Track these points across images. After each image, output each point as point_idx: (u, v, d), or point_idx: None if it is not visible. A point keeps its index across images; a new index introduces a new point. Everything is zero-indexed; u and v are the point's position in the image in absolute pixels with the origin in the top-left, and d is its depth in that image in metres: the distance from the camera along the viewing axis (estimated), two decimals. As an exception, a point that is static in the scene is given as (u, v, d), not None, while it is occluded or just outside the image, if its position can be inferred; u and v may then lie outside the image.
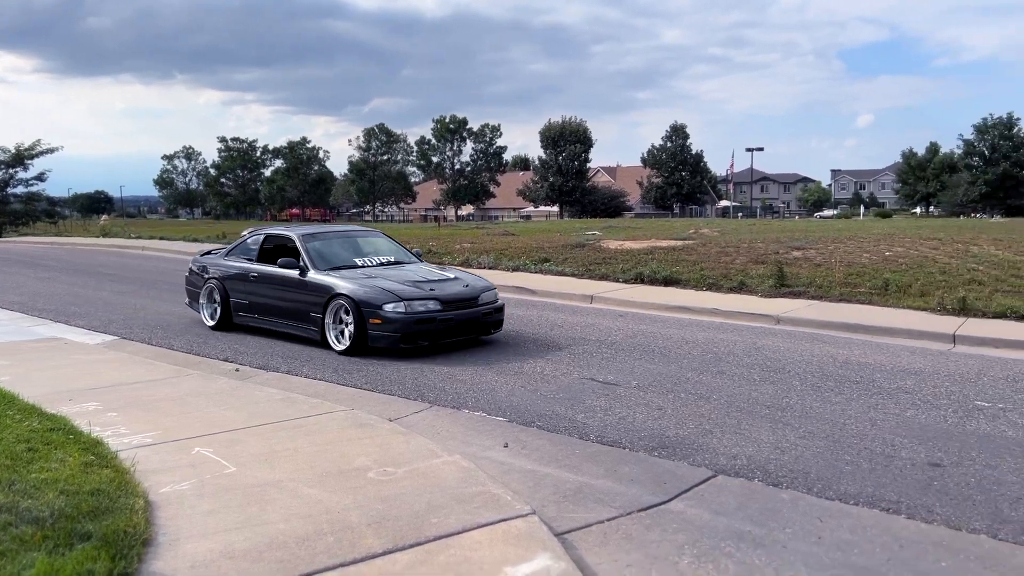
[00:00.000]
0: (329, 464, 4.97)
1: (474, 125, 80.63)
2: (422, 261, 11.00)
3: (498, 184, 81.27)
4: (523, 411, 6.52)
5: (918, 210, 75.30)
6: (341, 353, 8.99)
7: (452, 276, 9.88)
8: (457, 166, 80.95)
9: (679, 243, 19.63)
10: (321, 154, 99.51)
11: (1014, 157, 60.12)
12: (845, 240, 19.07)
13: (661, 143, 75.25)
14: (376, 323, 8.72)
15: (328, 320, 9.18)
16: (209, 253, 12.12)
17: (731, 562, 3.87)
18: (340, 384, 7.71)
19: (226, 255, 11.31)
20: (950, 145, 68.68)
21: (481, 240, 23.53)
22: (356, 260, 10.19)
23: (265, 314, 10.20)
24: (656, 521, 4.36)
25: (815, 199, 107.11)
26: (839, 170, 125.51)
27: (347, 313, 8.98)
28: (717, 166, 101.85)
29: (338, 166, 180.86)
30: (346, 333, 9.02)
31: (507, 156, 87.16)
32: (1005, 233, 21.63)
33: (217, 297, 10.86)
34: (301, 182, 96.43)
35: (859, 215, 72.32)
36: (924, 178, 71.84)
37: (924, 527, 4.29)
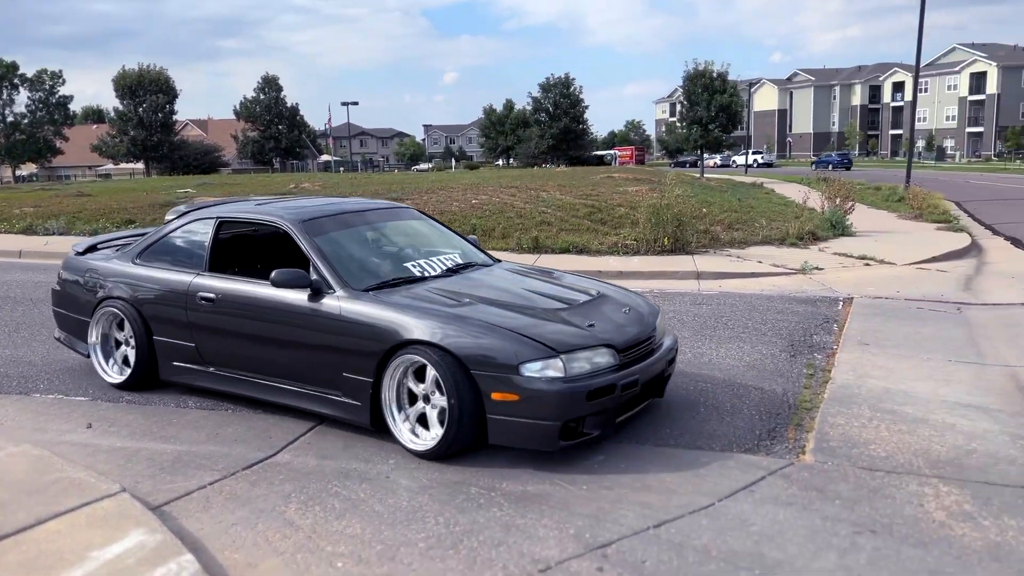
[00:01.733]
0: None
1: (28, 71, 69.60)
2: (494, 259, 6.08)
3: (66, 139, 71.21)
4: (108, 388, 5.92)
5: (500, 162, 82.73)
6: (420, 454, 4.43)
7: (594, 292, 5.27)
8: (10, 118, 69.41)
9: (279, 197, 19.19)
10: None
11: (572, 113, 68.91)
12: (438, 190, 20.32)
13: (254, 95, 72.36)
14: (507, 401, 4.16)
15: (389, 393, 4.54)
16: (94, 249, 6.51)
17: (337, 500, 3.97)
18: None
19: (137, 257, 5.90)
20: (523, 102, 76.26)
21: (48, 202, 20.58)
22: (409, 265, 5.30)
23: (240, 367, 5.25)
24: (263, 476, 4.29)
25: (411, 153, 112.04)
26: (431, 125, 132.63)
27: (434, 383, 4.38)
28: (316, 120, 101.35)
29: None
30: (431, 419, 4.44)
31: (76, 107, 76.82)
32: (567, 180, 24.82)
33: (129, 335, 5.74)
34: None
35: (451, 167, 77.55)
36: (503, 132, 78.99)
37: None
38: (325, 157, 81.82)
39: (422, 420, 4.53)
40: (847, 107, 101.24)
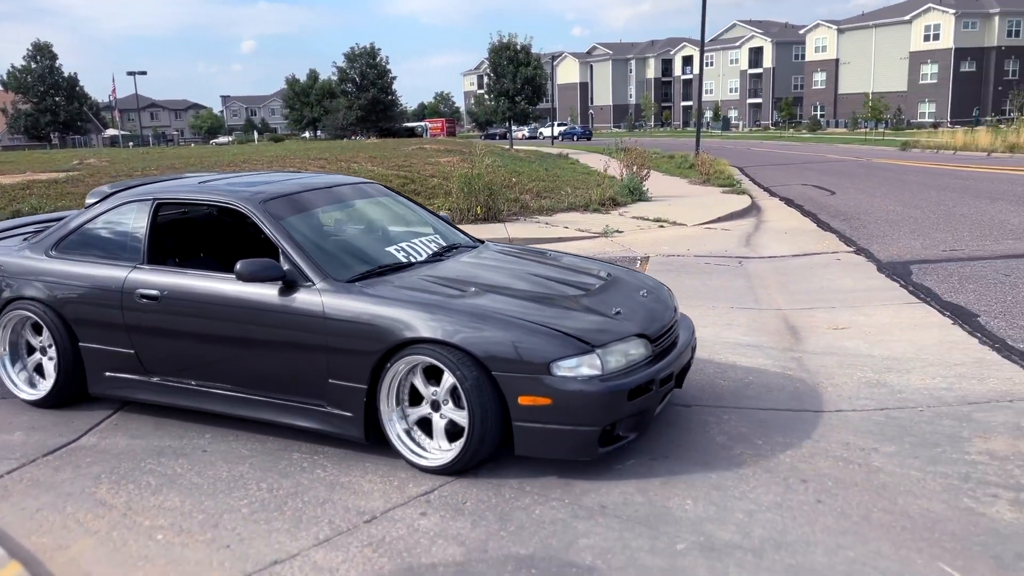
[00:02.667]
0: None
1: None
2: (476, 239, 5.43)
3: None
4: None
5: (307, 134, 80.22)
6: (432, 470, 3.81)
7: (603, 273, 4.75)
8: None
9: (62, 175, 17.67)
10: None
11: (380, 84, 67.93)
12: (241, 163, 19.49)
13: (24, 64, 65.43)
14: (537, 406, 3.58)
15: (387, 403, 3.89)
16: None
17: (152, 477, 3.88)
18: None
19: (53, 248, 4.82)
20: (328, 72, 74.18)
21: None
22: (392, 250, 4.59)
23: (195, 377, 4.40)
24: (67, 461, 4.09)
25: (208, 126, 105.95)
26: (229, 96, 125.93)
27: (447, 389, 3.77)
28: (99, 92, 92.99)
29: None
30: (438, 431, 3.84)
31: None
32: (379, 152, 24.61)
33: (48, 342, 4.76)
34: None
35: (254, 140, 74.18)
36: (309, 103, 76.47)
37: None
38: (111, 131, 75.61)
39: (427, 429, 3.89)
40: (643, 80, 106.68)
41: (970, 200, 14.99)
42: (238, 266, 3.98)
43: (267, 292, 4.05)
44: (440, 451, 3.81)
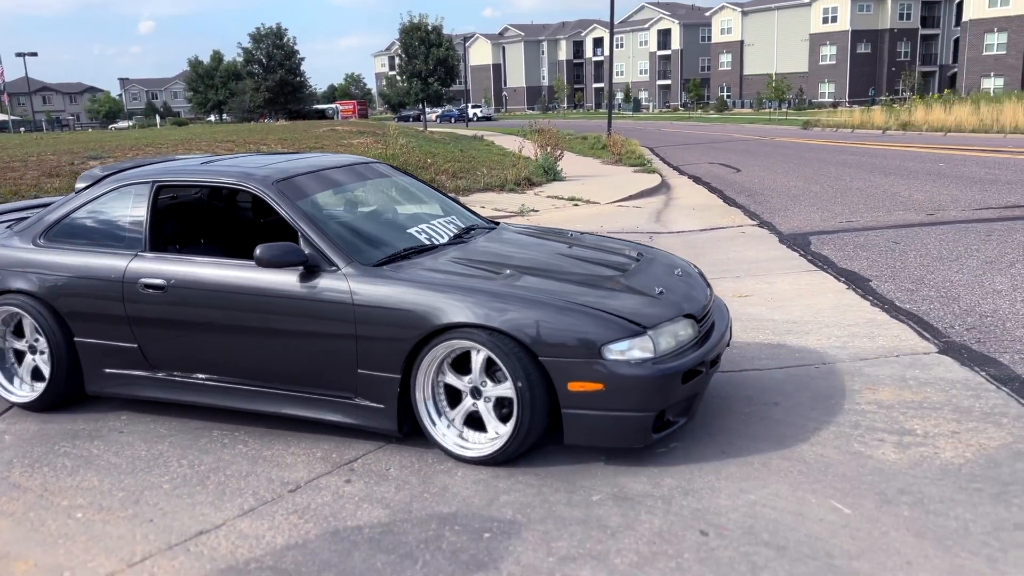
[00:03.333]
0: None
1: None
2: (489, 220, 5.17)
3: None
4: None
5: (212, 118, 77.76)
6: (475, 461, 3.63)
7: (633, 252, 4.59)
8: None
9: (-51, 161, 16.72)
10: None
11: (288, 65, 66.32)
12: (144, 147, 18.87)
13: (-100, 44, 61.18)
14: (588, 392, 3.42)
15: (422, 392, 3.69)
16: None
17: (68, 459, 3.83)
18: None
19: (41, 237, 4.47)
20: (233, 53, 71.94)
21: None
22: (413, 232, 4.39)
23: (205, 371, 4.15)
24: (-26, 448, 3.98)
25: (107, 110, 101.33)
26: (128, 79, 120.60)
27: (481, 372, 3.60)
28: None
29: None
30: (489, 417, 3.63)
31: None
32: (289, 134, 24.15)
33: (39, 339, 4.41)
34: None
35: (156, 124, 71.42)
36: (213, 86, 74.10)
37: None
38: (1, 116, 71.52)
39: (467, 419, 3.69)
40: (555, 62, 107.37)
41: (865, 175, 15.77)
42: (258, 251, 3.70)
43: (286, 279, 3.79)
44: (485, 441, 3.61)
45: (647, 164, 19.59)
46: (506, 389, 3.49)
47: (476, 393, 3.62)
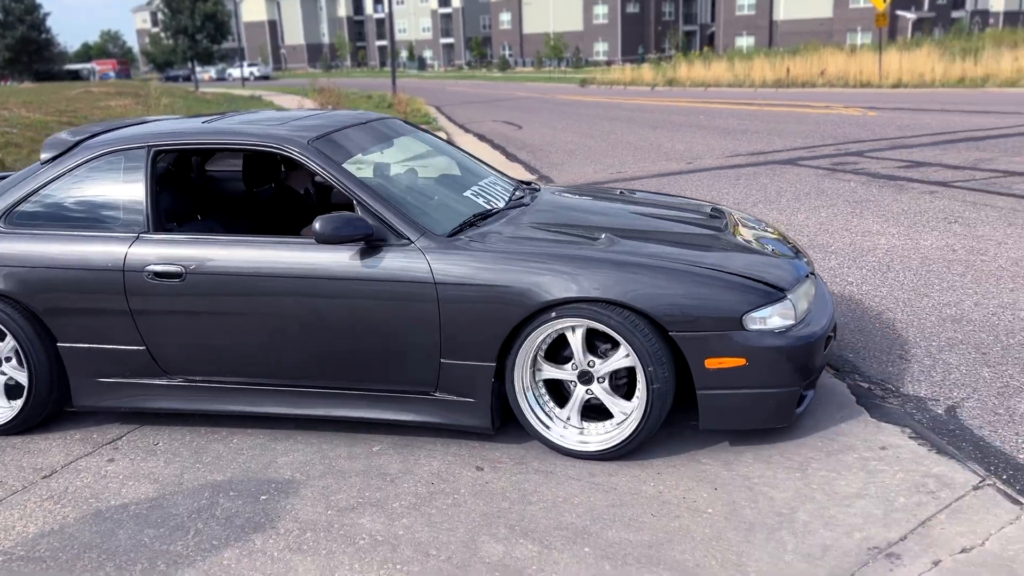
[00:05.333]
0: None
1: None
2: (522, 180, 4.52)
3: None
4: None
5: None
6: (593, 456, 3.12)
7: (707, 208, 4.14)
8: None
9: None
10: None
11: (29, 20, 59.36)
12: None
13: None
14: (728, 368, 2.98)
15: (521, 382, 3.16)
16: None
17: None
18: None
19: (1, 221, 3.46)
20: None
21: None
22: (469, 195, 3.82)
23: (239, 372, 3.40)
24: None
25: None
26: None
27: (580, 350, 3.08)
28: None
29: None
30: (612, 400, 3.12)
31: None
32: (35, 97, 21.74)
33: (10, 349, 3.47)
34: None
35: None
36: (-61, 44, 64.95)
37: None
38: None
39: (574, 415, 3.21)
40: (335, 18, 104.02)
41: (636, 129, 16.76)
42: (317, 225, 3.09)
43: (341, 258, 3.19)
44: (612, 427, 3.14)
45: (433, 122, 19.62)
46: (621, 359, 3.05)
47: (586, 378, 3.15)
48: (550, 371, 3.17)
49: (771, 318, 3.01)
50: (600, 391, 3.12)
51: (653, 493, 2.88)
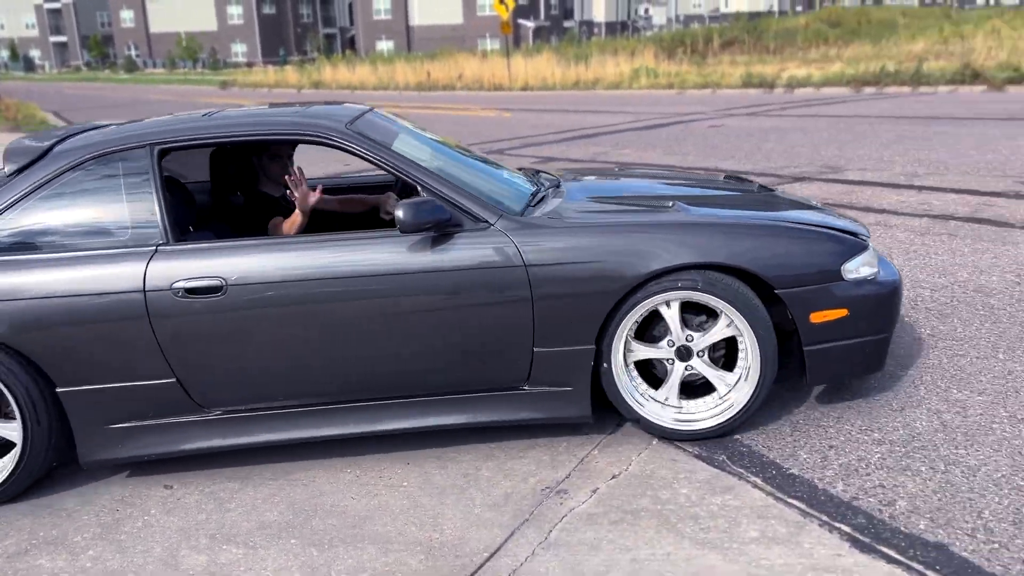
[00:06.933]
0: None
1: None
2: None
3: None
4: None
5: None
6: (701, 434, 2.95)
7: (720, 176, 4.14)
8: None
9: None
10: None
11: None
12: None
13: None
14: (831, 321, 2.89)
15: (619, 360, 2.83)
16: None
17: None
18: None
19: None
20: None
21: None
22: (506, 175, 3.40)
23: (287, 392, 2.90)
24: None
25: None
26: None
27: (679, 327, 2.90)
28: None
29: None
30: (716, 374, 2.97)
31: None
32: None
33: None
34: None
35: None
36: None
37: None
38: None
39: (674, 390, 3.08)
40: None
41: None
42: (400, 212, 2.80)
43: (414, 249, 2.90)
44: (710, 408, 3.07)
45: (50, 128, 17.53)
46: (722, 329, 2.99)
47: (684, 354, 3.04)
48: (643, 351, 3.07)
49: (862, 267, 3.09)
50: (701, 365, 3.06)
51: (351, 479, 3.02)
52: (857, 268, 3.05)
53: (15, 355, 2.85)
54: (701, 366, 3.05)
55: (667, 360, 3.07)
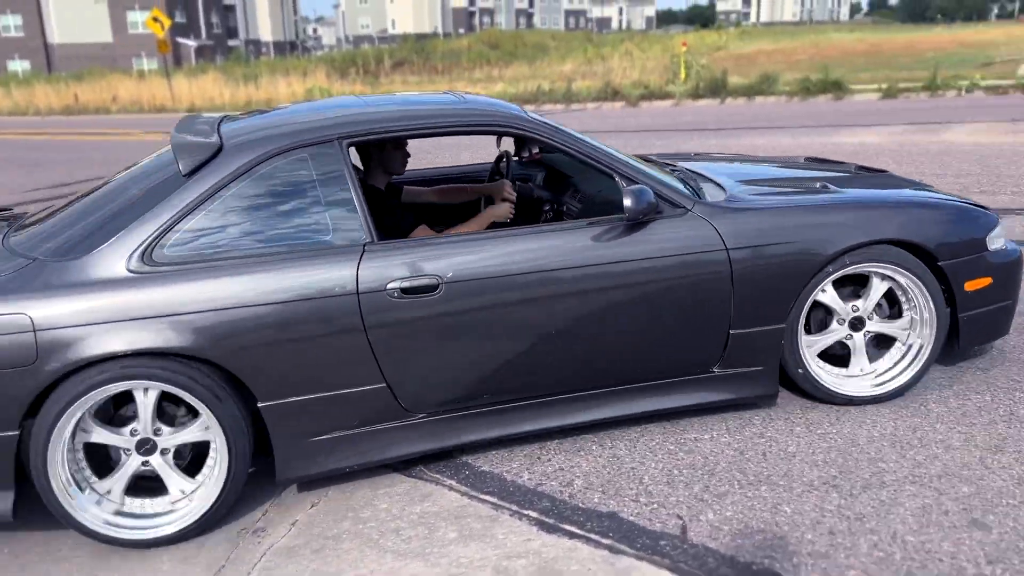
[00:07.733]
0: None
1: None
2: None
3: None
4: None
5: None
6: (879, 398, 3.29)
7: (801, 158, 4.47)
8: None
9: None
10: None
11: None
12: None
13: None
14: (980, 289, 3.26)
15: (800, 334, 3.13)
16: None
17: None
18: None
19: (142, 258, 2.55)
20: None
21: None
22: (641, 165, 3.19)
23: (494, 389, 2.92)
24: None
25: None
26: None
27: (843, 300, 3.22)
28: None
29: None
30: (897, 330, 3.29)
31: None
32: None
33: (162, 426, 2.64)
34: None
35: None
36: None
37: None
38: None
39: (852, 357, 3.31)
40: None
41: None
42: (629, 201, 2.80)
43: (621, 239, 2.89)
44: (892, 369, 3.31)
45: None
46: (878, 289, 3.20)
47: (857, 324, 3.25)
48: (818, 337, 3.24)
49: (998, 238, 3.37)
50: (881, 327, 3.26)
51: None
52: (995, 238, 3.37)
53: (216, 370, 2.61)
54: (878, 327, 3.26)
55: (846, 323, 3.24)
